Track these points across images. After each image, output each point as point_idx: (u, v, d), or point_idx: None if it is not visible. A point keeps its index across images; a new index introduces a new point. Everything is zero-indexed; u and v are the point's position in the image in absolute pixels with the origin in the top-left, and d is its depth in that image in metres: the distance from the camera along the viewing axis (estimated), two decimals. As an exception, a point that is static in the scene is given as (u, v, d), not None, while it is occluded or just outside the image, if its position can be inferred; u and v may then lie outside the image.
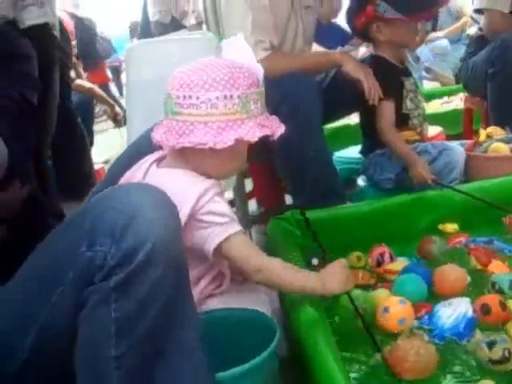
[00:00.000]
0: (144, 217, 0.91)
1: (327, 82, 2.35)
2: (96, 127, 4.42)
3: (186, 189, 1.18)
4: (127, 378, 0.91)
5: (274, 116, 1.28)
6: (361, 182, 2.47)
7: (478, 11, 3.03)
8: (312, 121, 1.97)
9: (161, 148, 1.29)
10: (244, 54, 1.26)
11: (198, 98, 1.17)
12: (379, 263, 1.74)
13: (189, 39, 1.96)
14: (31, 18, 2.03)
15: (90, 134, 3.63)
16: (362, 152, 2.40)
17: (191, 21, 3.44)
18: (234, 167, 1.30)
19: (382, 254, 1.75)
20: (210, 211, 1.19)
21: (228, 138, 1.16)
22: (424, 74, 5.10)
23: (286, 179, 2.22)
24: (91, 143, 3.56)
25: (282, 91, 1.91)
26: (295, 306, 1.32)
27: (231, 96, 1.17)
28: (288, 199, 2.48)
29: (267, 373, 1.09)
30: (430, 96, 4.04)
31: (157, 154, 1.32)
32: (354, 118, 2.93)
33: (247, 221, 2.40)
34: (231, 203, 2.51)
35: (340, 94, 2.24)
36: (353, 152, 2.70)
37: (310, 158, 1.98)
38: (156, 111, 1.39)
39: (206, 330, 1.14)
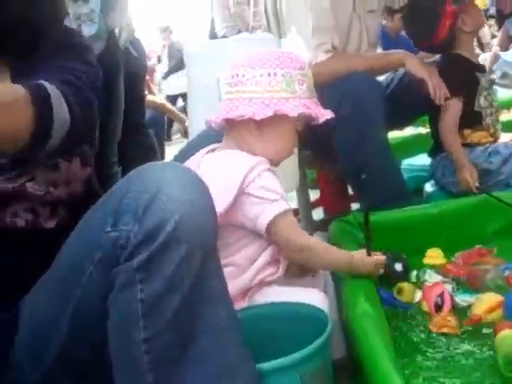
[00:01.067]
0: (168, 194, 0.88)
1: (394, 84, 2.31)
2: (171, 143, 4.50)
3: (235, 165, 1.21)
4: (157, 361, 0.89)
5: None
6: (428, 187, 2.38)
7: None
8: (374, 119, 1.92)
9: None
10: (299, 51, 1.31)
11: (243, 75, 1.23)
12: (439, 306, 1.44)
13: (249, 39, 1.97)
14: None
15: (161, 147, 3.70)
16: (430, 154, 2.32)
17: (252, 23, 3.47)
18: (280, 149, 1.29)
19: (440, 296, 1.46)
20: (261, 186, 1.19)
21: (268, 110, 1.19)
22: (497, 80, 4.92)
23: (349, 182, 2.18)
24: (162, 156, 3.63)
25: (343, 89, 1.89)
26: (351, 304, 1.28)
27: (275, 74, 1.21)
28: (355, 207, 2.45)
29: (316, 368, 1.05)
30: (506, 104, 3.88)
31: (210, 147, 1.33)
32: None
33: (311, 228, 2.38)
34: (295, 212, 2.51)
35: (406, 95, 2.20)
36: (422, 159, 2.62)
37: (373, 157, 1.93)
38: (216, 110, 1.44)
39: (254, 325, 1.14)
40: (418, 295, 1.53)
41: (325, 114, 1.26)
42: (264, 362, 1.00)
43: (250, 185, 1.19)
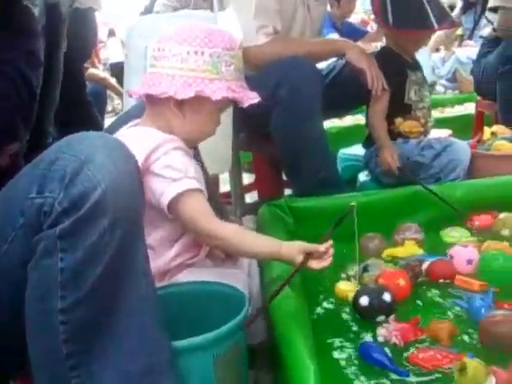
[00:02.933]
0: (96, 162, 0.87)
1: (335, 72, 2.32)
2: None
3: (140, 143, 1.17)
4: (73, 333, 0.87)
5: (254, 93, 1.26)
6: (362, 177, 2.41)
7: (493, 10, 2.97)
8: (311, 103, 1.92)
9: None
10: (232, 28, 1.28)
11: (170, 50, 1.20)
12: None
13: (189, 16, 1.93)
14: None
15: (102, 120, 3.62)
16: (364, 145, 2.35)
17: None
18: (201, 130, 1.28)
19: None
20: (166, 165, 1.17)
21: (190, 91, 1.17)
22: (445, 82, 5.02)
23: (282, 167, 2.18)
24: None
25: (280, 73, 1.89)
26: (272, 287, 1.29)
27: (202, 53, 1.19)
28: (288, 192, 2.45)
29: (230, 349, 1.04)
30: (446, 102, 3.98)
31: (134, 122, 1.31)
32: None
33: (242, 211, 2.38)
34: (227, 195, 2.50)
35: (346, 84, 2.21)
36: (359, 149, 2.65)
37: (308, 143, 1.94)
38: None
39: (172, 303, 1.13)
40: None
41: (250, 98, 1.23)
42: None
43: (154, 163, 1.16)
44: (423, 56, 3.37)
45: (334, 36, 3.77)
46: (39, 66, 1.25)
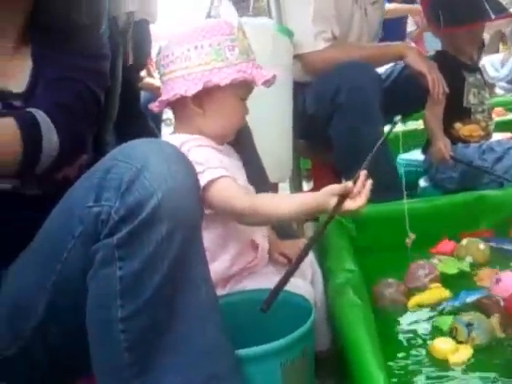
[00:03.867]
0: (152, 170, 0.87)
1: (394, 76, 2.29)
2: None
3: None
4: (134, 341, 0.87)
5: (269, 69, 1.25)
6: (423, 183, 2.36)
7: None
8: (371, 108, 1.91)
9: None
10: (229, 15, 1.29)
11: (172, 54, 1.20)
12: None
13: (246, 23, 1.92)
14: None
15: (159, 129, 3.66)
16: (423, 150, 2.31)
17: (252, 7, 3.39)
18: (227, 122, 1.25)
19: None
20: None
21: (199, 84, 1.16)
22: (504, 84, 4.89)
23: (342, 173, 2.16)
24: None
25: (340, 78, 1.88)
26: (338, 294, 1.27)
27: (202, 46, 1.19)
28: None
29: (298, 357, 1.03)
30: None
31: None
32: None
33: (318, 234, 2.34)
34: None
35: (405, 88, 2.17)
36: (418, 155, 2.60)
37: (368, 148, 1.91)
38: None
39: (236, 311, 1.13)
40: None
41: (262, 76, 1.21)
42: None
43: None
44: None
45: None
46: (106, 86, 1.27)
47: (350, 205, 1.13)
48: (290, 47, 1.98)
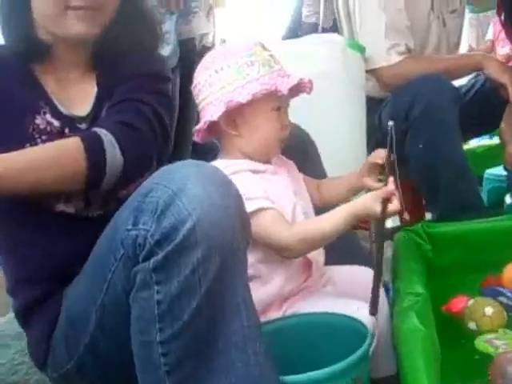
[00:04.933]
0: (187, 192, 0.86)
1: (476, 88, 2.18)
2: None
3: None
4: (175, 365, 0.87)
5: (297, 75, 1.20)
6: (508, 199, 2.22)
7: None
8: (447, 123, 1.81)
9: None
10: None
11: (199, 82, 1.20)
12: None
13: (314, 41, 1.91)
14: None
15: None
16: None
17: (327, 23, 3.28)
18: (265, 139, 1.21)
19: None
20: None
21: (222, 106, 1.14)
22: None
23: (420, 189, 2.07)
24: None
25: (414, 92, 1.81)
26: (400, 318, 1.20)
27: (221, 68, 1.17)
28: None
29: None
30: None
31: None
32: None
33: (381, 235, 2.27)
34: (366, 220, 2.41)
35: (488, 101, 2.06)
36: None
37: (446, 164, 1.82)
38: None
39: (286, 336, 1.10)
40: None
41: (287, 83, 1.17)
42: (297, 374, 0.96)
43: None
44: None
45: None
46: (170, 106, 1.30)
47: (393, 207, 1.12)
48: (361, 62, 1.93)
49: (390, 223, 2.49)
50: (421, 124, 1.82)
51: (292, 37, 4.18)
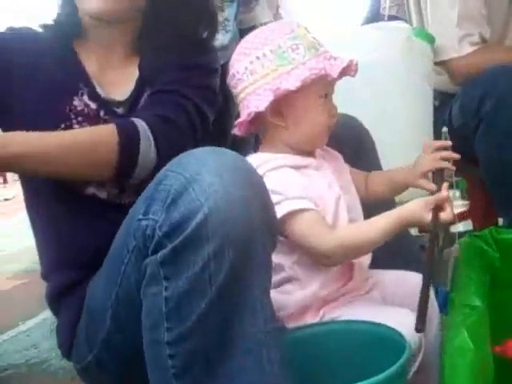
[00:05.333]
0: (201, 181, 0.78)
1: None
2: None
3: None
4: (183, 368, 0.80)
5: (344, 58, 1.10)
6: None
7: None
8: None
9: None
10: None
11: (237, 72, 1.10)
12: None
13: (379, 28, 1.79)
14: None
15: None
16: None
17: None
18: (313, 128, 1.12)
19: None
20: None
21: (269, 95, 1.05)
22: None
23: (490, 190, 1.91)
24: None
25: (485, 85, 1.66)
26: (450, 336, 1.07)
27: (264, 54, 1.07)
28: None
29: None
30: None
31: None
32: None
33: (449, 242, 2.12)
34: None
35: None
36: None
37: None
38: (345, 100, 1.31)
39: (321, 342, 1.01)
40: None
41: (337, 66, 1.07)
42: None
43: None
44: None
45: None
46: (214, 101, 1.24)
47: (446, 216, 1.03)
48: (428, 53, 1.79)
49: (460, 227, 2.34)
50: (493, 119, 1.66)
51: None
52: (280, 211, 1.02)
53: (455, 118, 1.89)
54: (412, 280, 1.19)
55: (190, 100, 1.15)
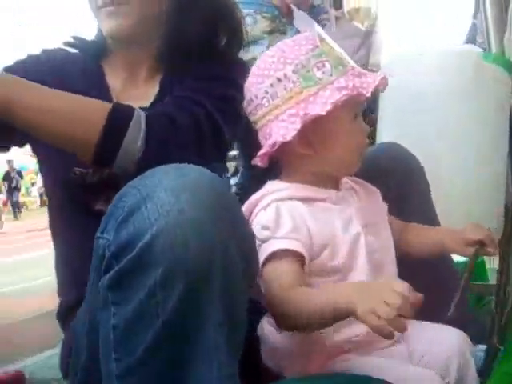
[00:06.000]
0: (156, 200, 0.70)
1: None
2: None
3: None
4: None
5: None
6: None
7: None
8: None
9: None
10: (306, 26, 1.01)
11: (256, 96, 0.98)
12: None
13: (446, 52, 1.63)
14: None
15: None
16: None
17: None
18: (345, 153, 0.99)
19: None
20: (257, 223, 0.94)
21: (297, 122, 0.92)
22: None
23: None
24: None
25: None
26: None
27: (285, 75, 0.95)
28: None
29: None
30: None
31: None
32: None
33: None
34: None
35: None
36: None
37: None
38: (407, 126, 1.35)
39: None
40: None
41: (369, 84, 0.94)
42: None
43: (252, 222, 0.95)
44: None
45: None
46: (234, 115, 1.14)
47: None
48: (506, 80, 1.60)
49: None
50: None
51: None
52: (264, 252, 0.91)
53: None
54: (449, 340, 1.02)
55: (202, 107, 1.07)
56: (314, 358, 0.96)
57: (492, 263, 1.87)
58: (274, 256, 0.90)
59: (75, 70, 1.19)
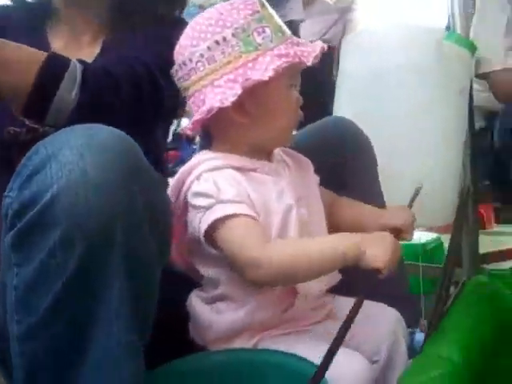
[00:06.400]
0: (60, 158, 0.69)
1: None
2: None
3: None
4: (26, 373, 0.72)
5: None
6: None
7: None
8: None
9: None
10: None
11: (190, 59, 0.93)
12: None
13: (410, 28, 1.60)
14: None
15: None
16: None
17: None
18: (282, 123, 0.98)
19: None
20: (196, 192, 0.91)
21: (236, 88, 0.88)
22: None
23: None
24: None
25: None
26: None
27: (224, 38, 0.91)
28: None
29: None
30: None
31: None
32: None
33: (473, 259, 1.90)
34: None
35: None
36: None
37: None
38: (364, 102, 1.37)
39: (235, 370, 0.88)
40: None
41: (309, 53, 0.92)
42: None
43: (187, 193, 0.93)
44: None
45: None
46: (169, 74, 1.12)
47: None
48: (467, 62, 1.59)
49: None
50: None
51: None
52: (210, 216, 0.89)
53: (496, 138, 1.71)
54: (379, 314, 1.03)
55: (143, 64, 1.06)
56: (240, 336, 0.95)
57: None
58: (226, 220, 0.89)
59: (18, 27, 1.17)
